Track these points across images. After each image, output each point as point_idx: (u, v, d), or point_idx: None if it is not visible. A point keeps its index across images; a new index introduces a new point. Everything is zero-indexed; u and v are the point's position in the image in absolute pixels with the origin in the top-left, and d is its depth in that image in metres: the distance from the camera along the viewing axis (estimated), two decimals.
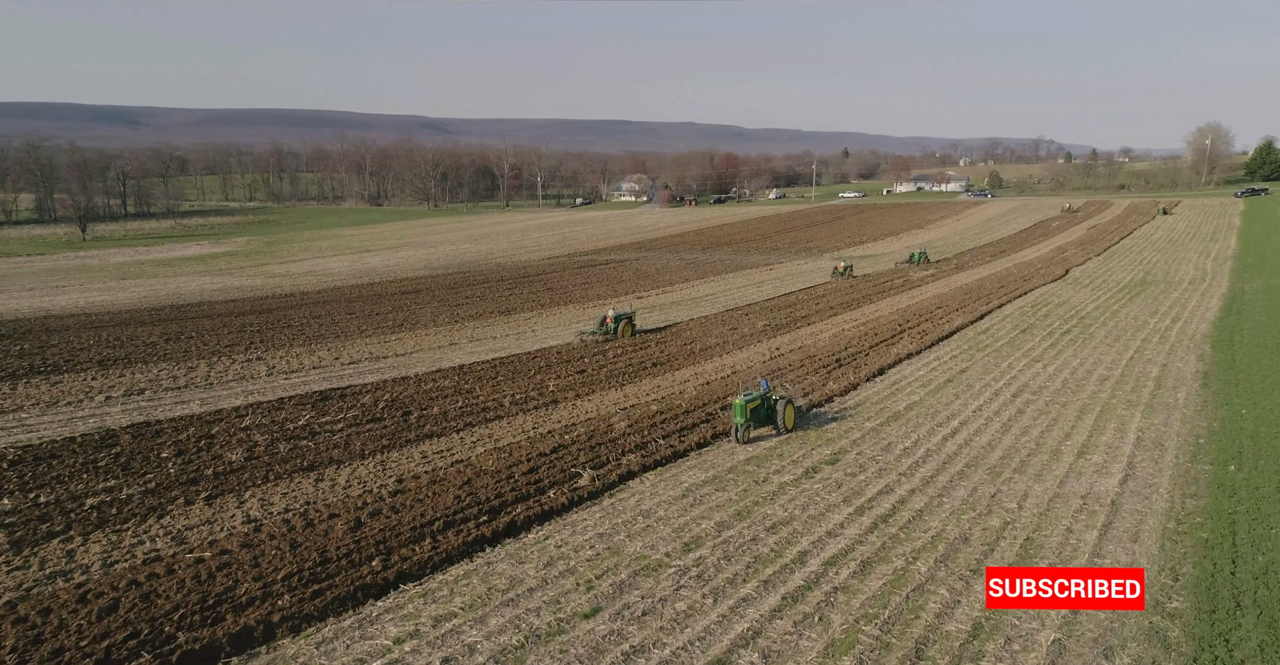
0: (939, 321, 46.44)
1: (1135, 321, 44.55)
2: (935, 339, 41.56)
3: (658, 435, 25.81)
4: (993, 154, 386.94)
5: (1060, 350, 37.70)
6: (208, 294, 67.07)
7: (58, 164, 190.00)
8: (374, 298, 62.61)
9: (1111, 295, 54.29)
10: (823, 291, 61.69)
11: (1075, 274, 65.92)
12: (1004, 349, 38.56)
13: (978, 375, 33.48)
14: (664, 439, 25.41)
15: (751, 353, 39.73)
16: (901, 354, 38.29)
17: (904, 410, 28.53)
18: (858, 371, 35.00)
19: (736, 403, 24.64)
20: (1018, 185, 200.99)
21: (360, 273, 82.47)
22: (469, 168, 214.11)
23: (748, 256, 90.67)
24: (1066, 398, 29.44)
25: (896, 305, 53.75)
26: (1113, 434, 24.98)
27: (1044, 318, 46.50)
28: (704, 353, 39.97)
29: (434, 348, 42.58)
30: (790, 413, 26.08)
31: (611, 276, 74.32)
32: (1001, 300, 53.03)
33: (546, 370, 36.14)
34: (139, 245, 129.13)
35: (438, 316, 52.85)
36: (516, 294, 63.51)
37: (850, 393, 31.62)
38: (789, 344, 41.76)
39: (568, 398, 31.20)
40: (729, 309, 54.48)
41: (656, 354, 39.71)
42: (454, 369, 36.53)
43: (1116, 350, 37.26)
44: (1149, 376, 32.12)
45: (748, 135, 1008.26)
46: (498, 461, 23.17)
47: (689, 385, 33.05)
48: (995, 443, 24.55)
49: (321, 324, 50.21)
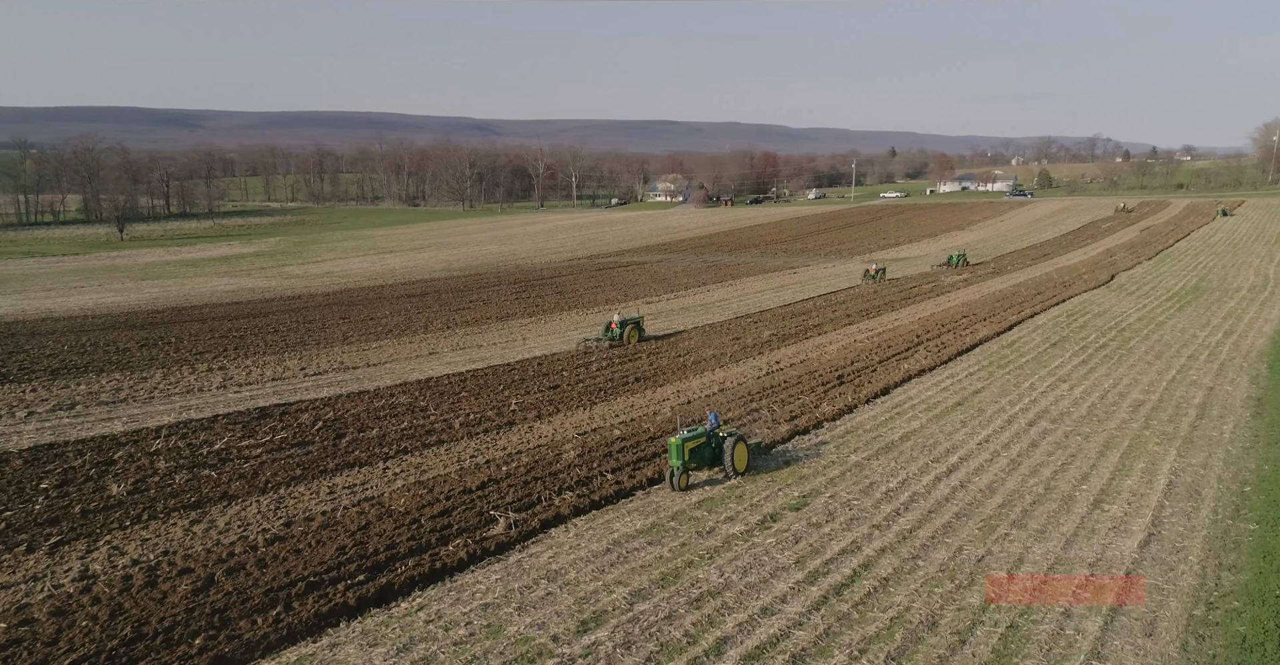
0: (961, 332, 42.42)
1: (1182, 335, 40.03)
2: (954, 353, 37.64)
3: (608, 468, 22.58)
4: (1046, 153, 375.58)
5: (1092, 368, 33.54)
6: (216, 296, 65.64)
7: (104, 165, 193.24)
8: (378, 301, 60.47)
9: (1159, 304, 49.55)
10: (844, 297, 57.84)
11: (1121, 280, 61.00)
12: (1028, 366, 34.51)
13: (992, 398, 29.61)
14: (613, 473, 22.17)
15: (747, 367, 36.26)
16: (912, 370, 34.51)
17: (899, 440, 24.88)
18: (858, 391, 31.36)
19: (673, 442, 20.79)
20: (1068, 185, 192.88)
21: (376, 274, 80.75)
22: (505, 168, 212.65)
23: (774, 259, 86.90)
24: (1091, 428, 25.48)
25: (920, 313, 49.75)
26: (1139, 477, 21.05)
27: (1079, 329, 42.17)
28: (696, 366, 36.62)
29: (412, 357, 39.92)
30: (741, 453, 21.98)
31: (625, 280, 71.26)
32: (1035, 309, 48.69)
33: (518, 385, 33.15)
34: (172, 246, 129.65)
35: (432, 322, 50.35)
36: (522, 298, 60.80)
37: (843, 417, 28.03)
38: (791, 356, 38.19)
39: (527, 419, 28.13)
40: (739, 316, 51.04)
41: (644, 367, 36.48)
42: (419, 382, 33.74)
43: (1157, 369, 32.99)
44: (1191, 402, 27.93)
45: (794, 135, 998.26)
46: (411, 500, 20.17)
47: (666, 405, 29.76)
48: (996, 485, 20.82)
49: (310, 329, 47.96)
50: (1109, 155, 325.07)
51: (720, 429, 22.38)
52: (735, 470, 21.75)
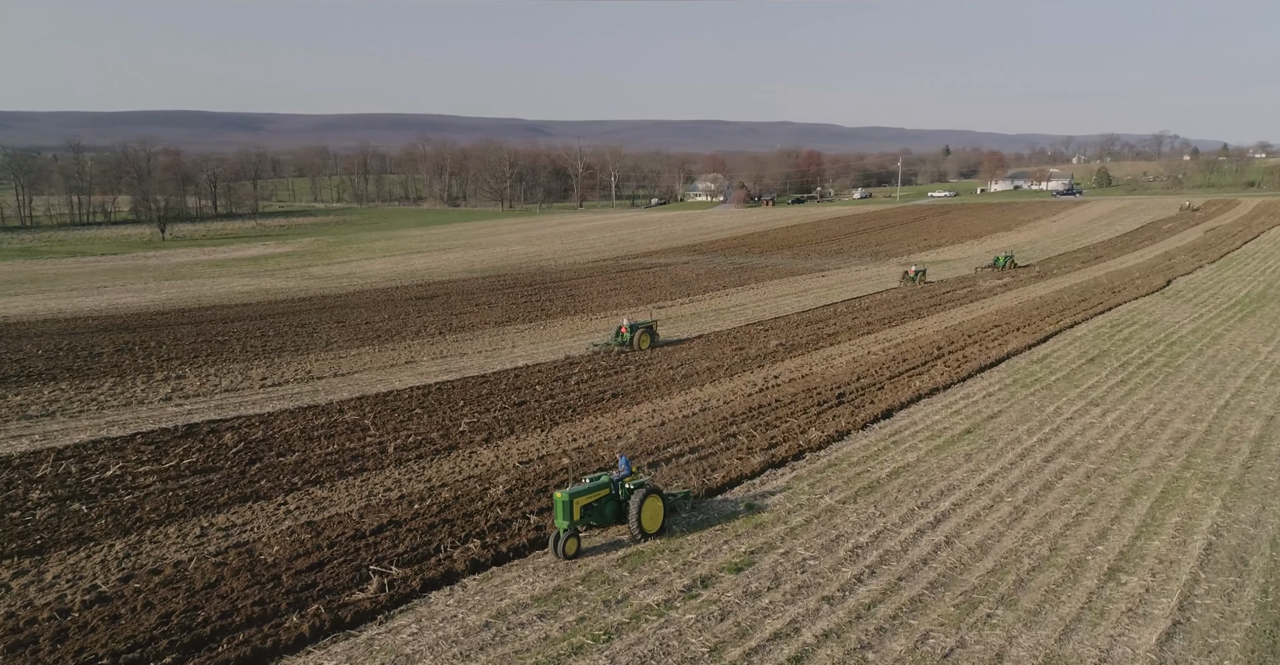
0: (989, 344, 38.25)
1: (1241, 350, 35.31)
2: (975, 368, 33.59)
3: (536, 508, 19.36)
4: (1109, 151, 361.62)
5: (1131, 390, 29.25)
6: (230, 297, 64.28)
7: (154, 167, 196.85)
8: (384, 303, 58.32)
9: (1217, 313, 44.58)
10: (869, 303, 53.81)
11: (1179, 285, 55.78)
12: (1058, 385, 30.35)
13: (1009, 424, 25.64)
14: (539, 515, 18.93)
15: (741, 382, 32.73)
16: (924, 388, 30.63)
17: (886, 477, 21.18)
18: (856, 413, 27.64)
19: (558, 498, 16.65)
20: (1128, 183, 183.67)
21: (395, 275, 79.04)
22: (545, 168, 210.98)
23: (805, 261, 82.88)
24: (1119, 466, 21.45)
25: (948, 321, 45.59)
26: (1171, 537, 17.08)
27: (1122, 342, 37.67)
28: (685, 381, 33.18)
29: (387, 366, 37.23)
30: (653, 510, 17.62)
31: (644, 282, 68.06)
32: (1077, 318, 44.16)
33: (482, 401, 30.12)
34: (209, 246, 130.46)
35: (427, 327, 47.81)
36: (531, 302, 58.01)
37: (831, 445, 24.38)
38: (794, 370, 34.54)
39: (472, 442, 25.04)
40: (752, 323, 47.47)
41: (628, 381, 33.19)
42: (376, 397, 30.92)
43: (1208, 392, 28.58)
44: (1245, 436, 23.62)
45: (847, 134, 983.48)
46: (288, 547, 17.19)
47: (634, 428, 26.43)
48: (990, 542, 17.06)
49: (298, 334, 45.76)
50: (1176, 153, 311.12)
51: (629, 478, 18.14)
52: (643, 532, 17.43)
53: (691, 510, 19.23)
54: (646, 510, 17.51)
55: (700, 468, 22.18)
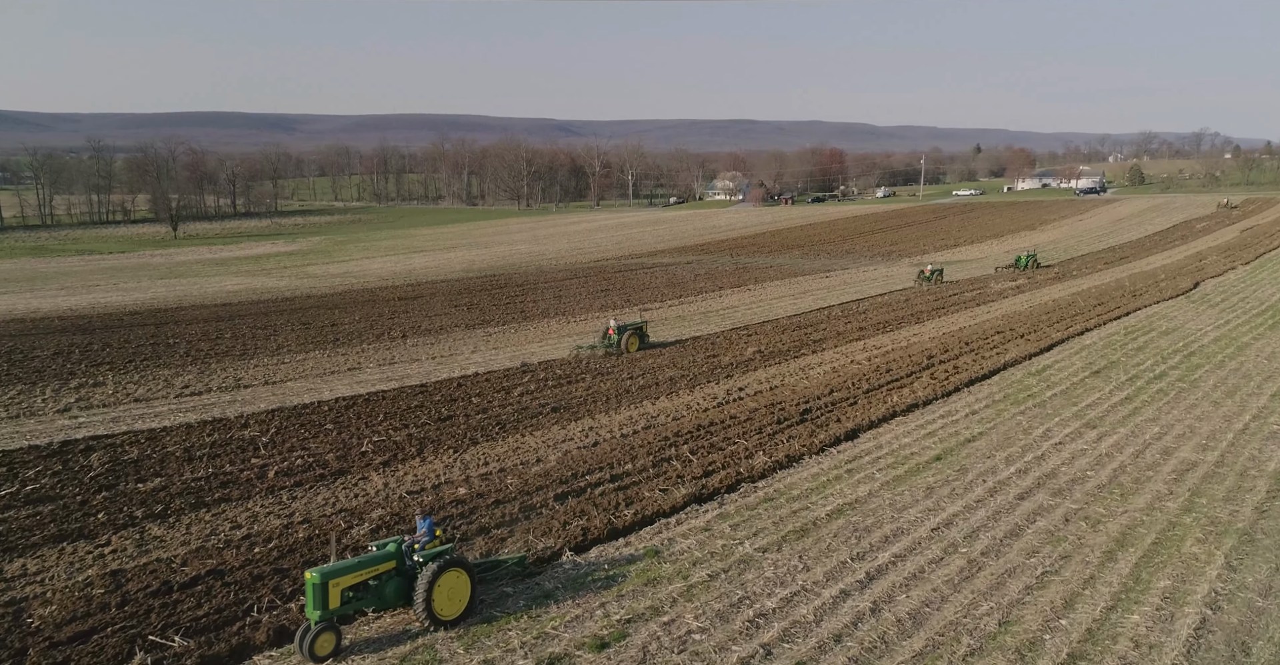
0: (985, 354, 34.59)
1: (1268, 362, 31.33)
2: (965, 381, 30.02)
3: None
4: (1146, 148, 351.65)
5: (1136, 409, 25.52)
6: (213, 296, 62.43)
7: (174, 166, 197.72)
8: (364, 304, 55.98)
9: (1246, 320, 40.43)
10: (868, 306, 50.26)
11: (1206, 288, 51.47)
12: (1053, 402, 26.70)
13: (986, 451, 22.11)
14: None
15: (701, 395, 29.45)
16: (901, 405, 27.15)
17: (825, 518, 17.81)
18: (816, 434, 24.26)
19: (310, 578, 12.78)
20: (1164, 181, 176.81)
21: (390, 275, 76.96)
22: (564, 167, 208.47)
23: (812, 261, 79.23)
24: (1107, 507, 17.90)
25: (947, 327, 41.96)
26: (1156, 608, 13.56)
27: (1135, 352, 33.80)
28: (641, 392, 29.98)
29: (326, 373, 34.47)
30: (456, 587, 13.48)
31: (638, 283, 64.92)
32: (1089, 323, 40.29)
33: (405, 415, 27.15)
34: (219, 244, 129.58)
35: (392, 329, 45.26)
36: (515, 303, 55.24)
37: (776, 474, 21.04)
38: (764, 381, 31.18)
39: (369, 466, 22.02)
40: (737, 327, 44.23)
41: (577, 392, 30.07)
42: (294, 409, 28.06)
43: (1225, 412, 24.78)
44: (1263, 469, 19.90)
45: (879, 133, 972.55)
46: (63, 607, 14.15)
47: (559, 450, 23.28)
48: (927, 612, 13.65)
49: (254, 337, 43.33)
50: (1217, 151, 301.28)
51: (426, 548, 14.10)
52: (433, 618, 13.30)
53: (525, 577, 15.28)
54: (442, 589, 13.34)
55: (611, 502, 18.96)
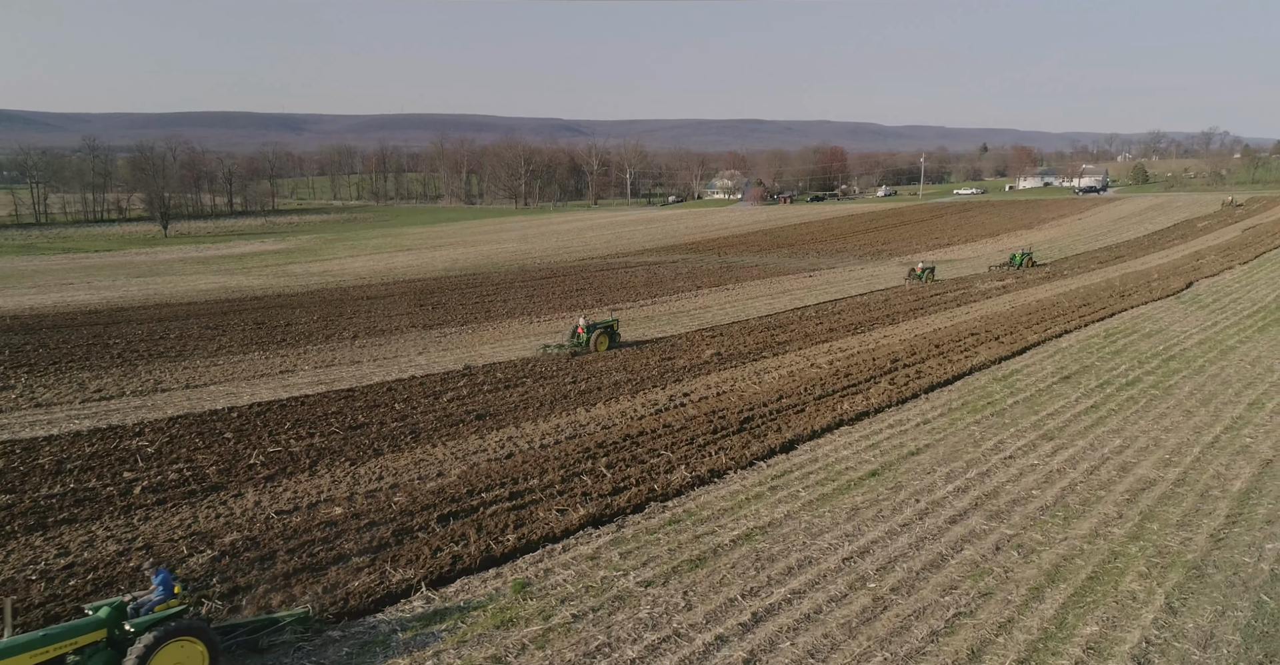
0: (954, 357, 32.65)
1: (1252, 367, 29.26)
2: (926, 386, 28.10)
3: (197, 599, 14.47)
4: (1155, 148, 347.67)
5: (1100, 419, 23.53)
6: (183, 295, 61.18)
7: (169, 164, 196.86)
8: (332, 303, 54.71)
9: (1235, 322, 38.31)
10: (845, 306, 48.39)
11: (1199, 288, 49.32)
12: (1013, 411, 24.73)
13: (928, 465, 20.18)
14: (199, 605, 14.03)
15: (642, 401, 27.61)
16: (851, 412, 25.25)
17: (730, 544, 15.93)
18: (750, 445, 22.38)
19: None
20: (1168, 180, 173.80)
21: (370, 273, 75.64)
22: (564, 166, 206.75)
23: (800, 260, 77.35)
24: (1045, 533, 15.95)
25: (921, 328, 40.03)
26: (1075, 662, 11.63)
27: (1112, 356, 31.77)
28: (580, 398, 28.17)
29: (256, 376, 32.81)
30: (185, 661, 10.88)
31: (616, 282, 63.17)
32: (1070, 325, 38.28)
33: (317, 422, 25.37)
34: (207, 243, 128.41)
35: (345, 330, 43.66)
36: (485, 302, 53.65)
37: (695, 490, 19.19)
38: (711, 387, 29.32)
39: (249, 481, 20.21)
40: (704, 328, 42.47)
41: (511, 398, 28.26)
42: (200, 415, 26.33)
43: (1196, 423, 22.77)
44: (1227, 489, 17.90)
45: (887, 133, 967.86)
46: None
47: (466, 462, 21.48)
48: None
49: (201, 337, 41.74)
50: (1226, 150, 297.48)
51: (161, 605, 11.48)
52: None
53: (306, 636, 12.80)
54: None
55: (499, 524, 17.13)
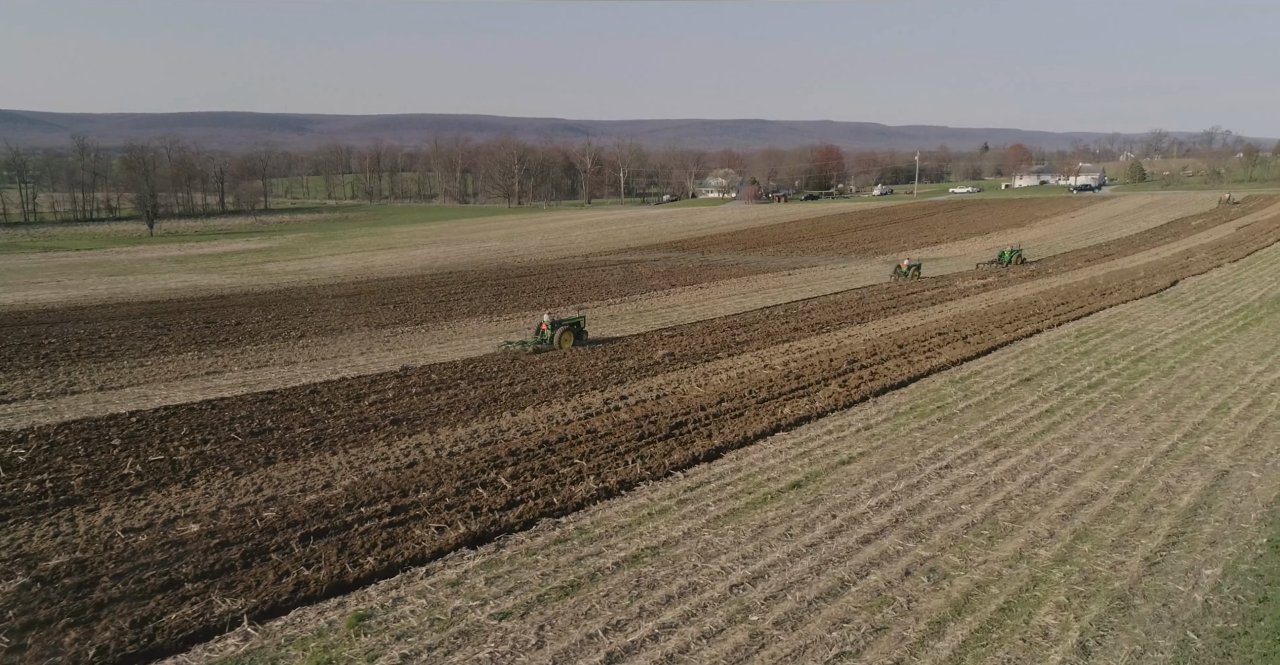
0: (915, 358, 30.96)
1: (1224, 369, 27.49)
2: (878, 389, 26.42)
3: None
4: (1157, 147, 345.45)
5: (1053, 425, 21.80)
6: (148, 294, 59.63)
7: (160, 163, 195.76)
8: (294, 301, 53.40)
9: (1215, 321, 36.52)
10: (816, 305, 46.74)
11: (1184, 286, 47.52)
12: (962, 416, 23.01)
13: (857, 476, 18.49)
14: None
15: (574, 404, 25.95)
16: (791, 417, 23.61)
17: (610, 568, 14.25)
18: (672, 453, 20.73)
19: None
20: (1166, 179, 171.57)
21: (347, 272, 74.37)
22: (558, 165, 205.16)
23: (783, 258, 75.68)
24: (964, 555, 14.25)
25: (890, 327, 38.36)
26: None
27: (1079, 356, 30.02)
28: (513, 401, 26.52)
29: (181, 377, 31.26)
30: None
31: (590, 281, 61.54)
32: (1044, 324, 36.54)
33: (221, 428, 23.70)
34: (191, 241, 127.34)
35: (293, 329, 42.11)
36: (450, 300, 52.22)
37: (595, 505, 17.55)
38: (652, 389, 27.67)
39: (107, 497, 18.53)
40: (666, 327, 40.93)
41: (438, 401, 26.59)
42: (94, 420, 24.56)
43: (1154, 430, 21.02)
44: (1174, 504, 16.16)
45: (890, 133, 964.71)
46: None
47: (359, 473, 19.82)
48: None
49: (145, 337, 40.15)
50: (1228, 149, 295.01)
51: None
52: None
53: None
54: None
55: (366, 544, 15.46)
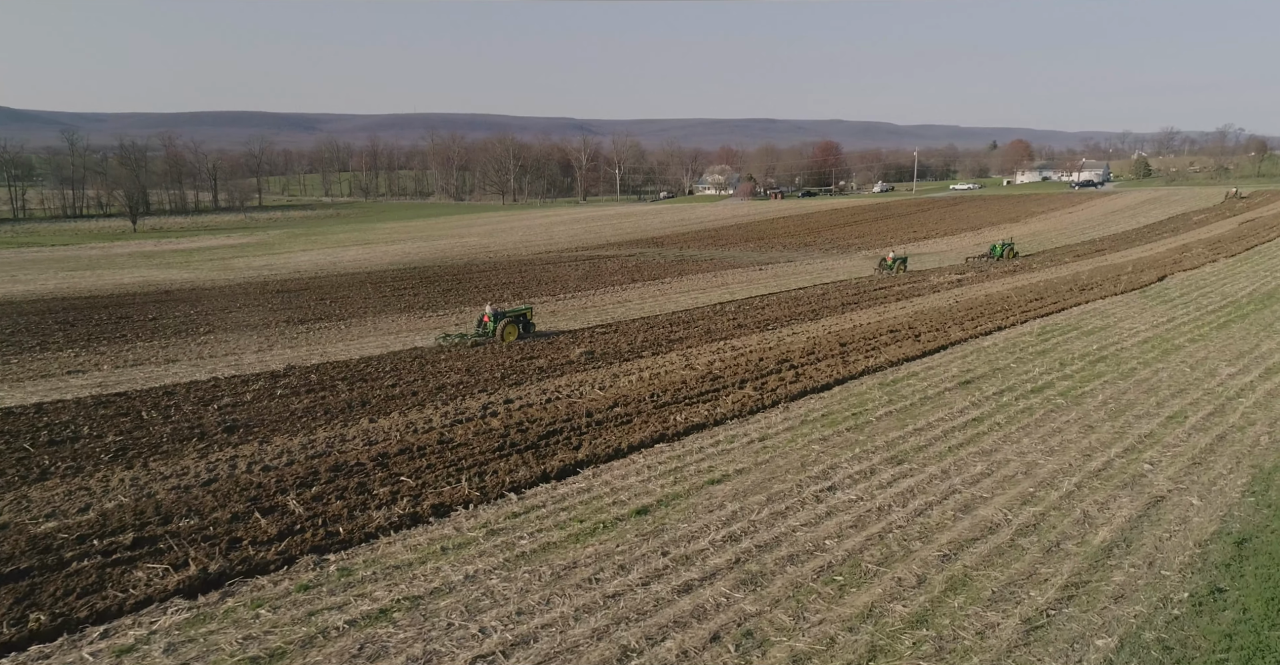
0: (853, 357, 27.72)
1: (1191, 371, 24.06)
2: (795, 393, 23.22)
3: None
4: (1168, 146, 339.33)
5: (976, 436, 18.49)
6: (97, 289, 57.20)
7: (152, 161, 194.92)
8: (234, 296, 50.78)
9: (1195, 317, 33.04)
10: (776, 300, 43.72)
11: (1172, 282, 44.04)
12: (876, 425, 19.73)
13: (721, 499, 15.27)
14: None
15: (450, 409, 22.87)
16: (684, 425, 20.53)
17: (335, 632, 11.10)
18: (518, 470, 17.61)
19: None
20: (1172, 175, 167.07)
21: (313, 267, 72.05)
22: (553, 162, 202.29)
23: (761, 253, 72.53)
24: (802, 611, 11.01)
25: (842, 324, 35.14)
26: None
27: (1035, 356, 26.67)
28: (383, 405, 23.47)
29: (37, 376, 28.41)
30: None
31: (549, 276, 58.57)
32: (1008, 321, 33.23)
33: (11, 437, 20.77)
34: (172, 237, 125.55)
35: (203, 326, 39.31)
36: (390, 297, 49.39)
37: (383, 538, 14.41)
38: (546, 392, 24.55)
39: None
40: (605, 323, 38.18)
41: (298, 405, 23.54)
42: None
43: (1088, 444, 17.67)
44: (1088, 540, 12.81)
45: (900, 132, 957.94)
46: None
47: (152, 488, 16.79)
48: None
49: (44, 333, 37.66)
50: (1241, 147, 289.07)
51: None
52: None
53: None
54: None
55: (61, 590, 12.38)
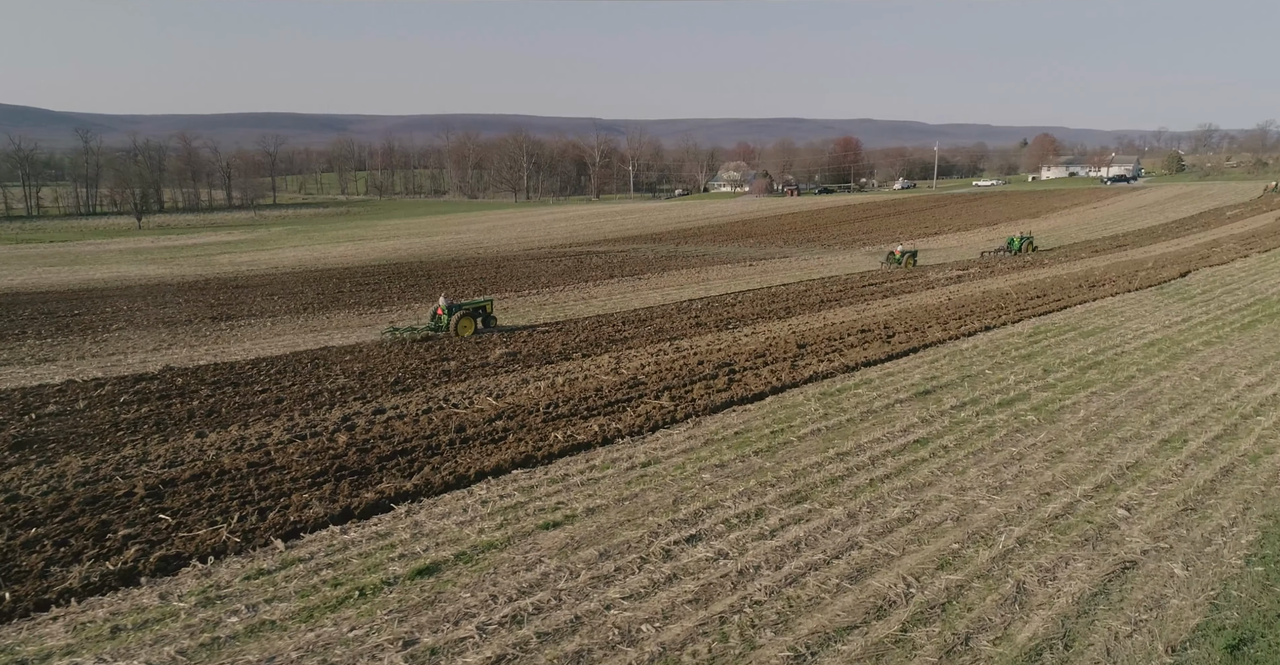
0: (805, 361, 23.93)
1: (1201, 381, 19.88)
2: (716, 405, 19.55)
3: None
4: (1206, 142, 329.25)
5: (910, 464, 14.57)
6: (64, 284, 55.43)
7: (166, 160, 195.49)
8: (193, 290, 48.72)
9: (1216, 317, 28.70)
10: (749, 297, 40.05)
11: (1195, 278, 39.60)
12: (795, 447, 15.91)
13: (543, 553, 11.61)
14: None
15: (318, 418, 19.61)
16: (554, 447, 16.93)
17: None
18: (314, 506, 14.09)
19: None
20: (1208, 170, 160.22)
21: (295, 263, 70.19)
22: (567, 159, 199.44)
23: (758, 249, 68.89)
24: None
25: (812, 323, 31.37)
26: None
27: (1017, 361, 22.62)
28: (241, 412, 20.13)
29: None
30: None
31: (526, 272, 55.42)
32: (1001, 320, 29.24)
33: None
34: (172, 235, 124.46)
35: (112, 324, 36.75)
36: (348, 292, 46.52)
37: (68, 605, 10.90)
38: (435, 400, 21.10)
39: None
40: (555, 320, 35.05)
41: (140, 413, 20.26)
42: None
43: (1048, 479, 13.63)
44: (1013, 637, 8.93)
45: (930, 131, 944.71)
46: None
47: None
48: None
49: None
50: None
51: None
52: None
53: None
54: None
55: None
